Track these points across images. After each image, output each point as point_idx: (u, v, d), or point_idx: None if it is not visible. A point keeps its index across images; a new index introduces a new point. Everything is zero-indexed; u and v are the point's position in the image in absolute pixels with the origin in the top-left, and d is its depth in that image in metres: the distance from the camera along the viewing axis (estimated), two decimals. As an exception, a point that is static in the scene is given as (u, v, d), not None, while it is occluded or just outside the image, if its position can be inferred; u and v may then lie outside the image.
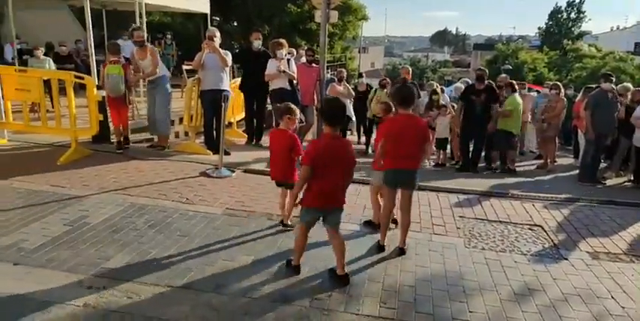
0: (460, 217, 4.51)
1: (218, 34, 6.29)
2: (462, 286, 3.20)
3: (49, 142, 6.20)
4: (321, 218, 3.12)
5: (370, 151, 8.22)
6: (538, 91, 10.19)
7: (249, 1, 18.18)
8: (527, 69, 31.27)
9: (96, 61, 7.70)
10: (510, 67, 25.96)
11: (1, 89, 5.82)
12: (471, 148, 7.33)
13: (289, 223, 3.95)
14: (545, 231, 4.30)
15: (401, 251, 3.62)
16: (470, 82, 8.80)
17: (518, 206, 4.94)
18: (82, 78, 5.74)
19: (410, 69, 8.41)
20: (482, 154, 7.41)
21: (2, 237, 3.44)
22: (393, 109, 3.96)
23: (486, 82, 7.10)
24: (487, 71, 7.58)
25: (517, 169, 7.46)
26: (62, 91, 5.89)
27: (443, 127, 7.65)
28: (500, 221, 4.47)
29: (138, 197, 4.45)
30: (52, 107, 6.66)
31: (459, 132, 7.47)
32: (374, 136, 6.36)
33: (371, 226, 4.06)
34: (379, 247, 3.64)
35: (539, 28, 44.13)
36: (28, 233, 3.53)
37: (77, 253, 3.28)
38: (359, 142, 9.64)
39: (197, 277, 3.06)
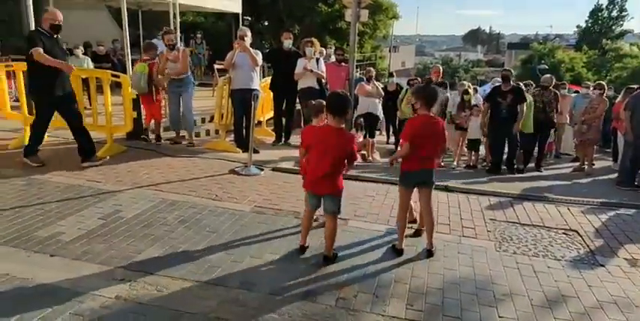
0: (491, 219, 4.40)
1: (249, 33, 6.37)
2: (491, 291, 3.12)
3: (86, 139, 6.40)
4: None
5: (399, 151, 8.15)
6: (577, 92, 9.83)
7: (280, 0, 18.30)
8: (565, 69, 30.29)
9: (131, 60, 7.92)
10: (546, 67, 25.20)
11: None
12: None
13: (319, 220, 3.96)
14: (581, 236, 4.15)
15: (429, 253, 3.56)
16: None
17: (552, 210, 4.78)
18: (118, 76, 5.91)
19: (440, 68, 8.26)
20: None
21: (40, 229, 3.57)
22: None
23: (512, 82, 6.95)
24: (512, 71, 7.43)
25: (552, 172, 7.24)
26: (99, 88, 6.08)
27: (475, 127, 7.50)
28: (533, 225, 4.34)
29: (169, 193, 4.56)
30: (90, 105, 6.89)
31: (485, 133, 7.34)
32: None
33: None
34: (397, 251, 3.55)
35: (577, 27, 42.61)
36: (64, 226, 3.66)
37: (111, 246, 3.38)
38: (387, 142, 9.57)
39: (225, 273, 3.10)
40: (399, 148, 7.36)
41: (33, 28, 6.26)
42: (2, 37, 12.07)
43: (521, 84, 7.49)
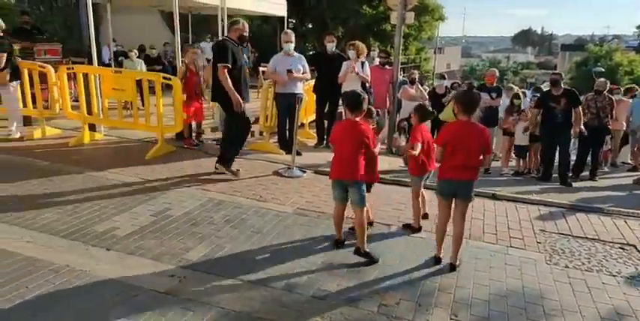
0: (541, 230, 4.24)
1: (293, 37, 6.48)
2: (541, 305, 3.01)
3: (139, 138, 6.72)
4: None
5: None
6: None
7: (325, 3, 18.38)
8: (623, 72, 28.66)
9: (182, 62, 8.20)
10: (602, 70, 23.89)
11: (100, 88, 6.40)
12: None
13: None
14: (639, 251, 3.92)
15: (452, 267, 3.39)
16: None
17: (608, 222, 4.54)
18: (170, 79, 6.14)
19: (496, 72, 7.90)
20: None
21: (97, 224, 3.77)
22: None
23: (564, 86, 6.69)
24: (563, 75, 7.13)
25: (607, 181, 6.89)
26: (151, 89, 6.35)
27: (522, 133, 7.25)
28: (586, 238, 4.14)
29: (215, 193, 4.69)
30: (142, 105, 7.20)
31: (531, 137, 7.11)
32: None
33: (410, 229, 4.02)
34: (436, 260, 3.48)
35: (638, 28, 40.22)
36: (119, 221, 3.85)
37: (161, 242, 3.52)
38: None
39: (268, 274, 3.16)
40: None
41: (92, 32, 6.63)
42: (63, 40, 12.84)
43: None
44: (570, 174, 6.90)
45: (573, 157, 7.29)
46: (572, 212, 4.78)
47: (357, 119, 3.44)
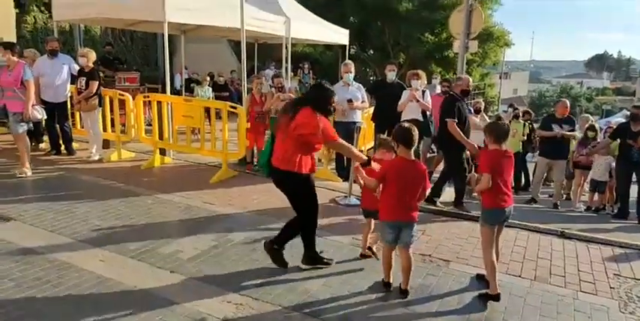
0: (615, 274, 3.92)
1: (353, 68, 6.64)
2: (615, 360, 2.76)
3: (204, 162, 7.06)
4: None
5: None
6: None
7: (387, 31, 18.60)
8: None
9: (247, 89, 8.61)
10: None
11: (172, 115, 6.85)
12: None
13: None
14: None
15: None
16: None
17: (695, 269, 4.11)
18: (235, 107, 6.46)
19: (567, 104, 7.41)
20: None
21: (163, 246, 3.97)
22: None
23: None
24: None
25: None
26: (217, 115, 6.70)
27: (602, 168, 6.79)
28: (669, 286, 3.77)
29: (274, 218, 4.78)
30: (208, 132, 7.59)
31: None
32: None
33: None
34: (492, 297, 3.31)
35: None
36: (183, 245, 4.03)
37: (221, 268, 3.64)
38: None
39: (323, 306, 3.16)
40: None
41: (167, 62, 7.14)
42: (140, 67, 13.95)
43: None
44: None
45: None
46: (652, 256, 4.39)
47: (413, 157, 3.35)
